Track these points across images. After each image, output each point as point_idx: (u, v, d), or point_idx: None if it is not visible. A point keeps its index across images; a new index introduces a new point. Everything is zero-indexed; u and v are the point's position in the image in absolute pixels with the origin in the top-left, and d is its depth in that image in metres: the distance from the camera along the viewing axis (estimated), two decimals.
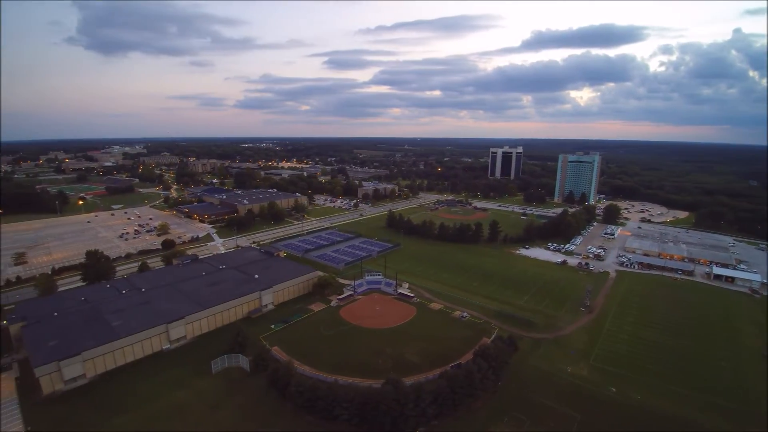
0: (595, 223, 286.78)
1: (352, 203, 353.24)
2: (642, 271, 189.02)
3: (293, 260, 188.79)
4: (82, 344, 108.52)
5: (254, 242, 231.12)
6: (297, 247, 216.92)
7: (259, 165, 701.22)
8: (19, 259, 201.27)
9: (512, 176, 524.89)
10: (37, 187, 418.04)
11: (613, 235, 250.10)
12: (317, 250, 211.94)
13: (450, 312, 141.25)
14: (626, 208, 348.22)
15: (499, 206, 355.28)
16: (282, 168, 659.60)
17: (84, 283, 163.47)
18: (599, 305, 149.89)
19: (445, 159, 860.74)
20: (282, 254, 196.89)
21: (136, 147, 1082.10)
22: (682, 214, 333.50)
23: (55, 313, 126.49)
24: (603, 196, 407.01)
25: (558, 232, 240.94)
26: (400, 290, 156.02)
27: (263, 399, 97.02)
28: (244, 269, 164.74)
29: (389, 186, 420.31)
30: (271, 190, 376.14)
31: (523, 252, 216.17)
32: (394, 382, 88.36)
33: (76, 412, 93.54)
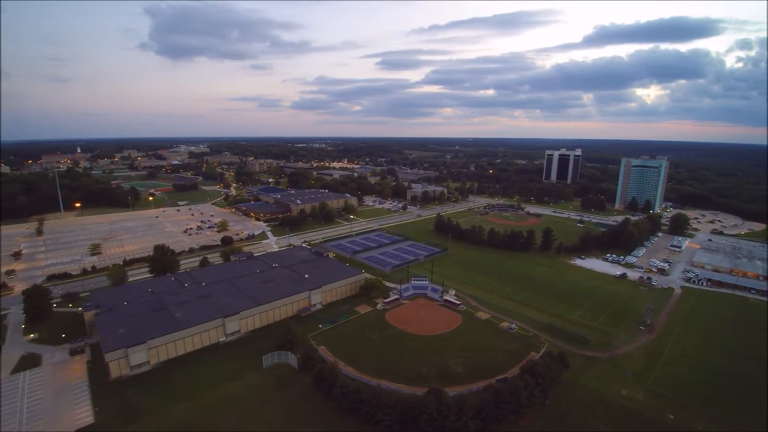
0: (659, 234, 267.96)
1: (400, 205, 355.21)
2: (711, 289, 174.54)
3: (341, 261, 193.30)
4: (148, 333, 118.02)
5: (305, 241, 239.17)
6: (346, 248, 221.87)
7: (312, 165, 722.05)
8: (95, 249, 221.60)
9: (569, 180, 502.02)
10: (113, 182, 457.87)
11: (679, 247, 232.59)
12: (365, 251, 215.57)
13: (497, 323, 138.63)
14: (695, 218, 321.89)
15: (554, 212, 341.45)
16: (333, 168, 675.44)
17: (151, 275, 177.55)
18: (661, 324, 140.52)
19: (497, 161, 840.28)
20: (331, 255, 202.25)
21: (201, 146, 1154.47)
22: (759, 227, 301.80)
23: (125, 303, 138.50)
24: (670, 204, 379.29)
25: (618, 242, 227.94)
26: (446, 297, 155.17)
27: (309, 397, 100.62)
28: (295, 268, 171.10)
29: (438, 188, 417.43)
30: (322, 191, 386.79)
31: (579, 263, 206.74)
32: (437, 393, 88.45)
33: (139, 397, 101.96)
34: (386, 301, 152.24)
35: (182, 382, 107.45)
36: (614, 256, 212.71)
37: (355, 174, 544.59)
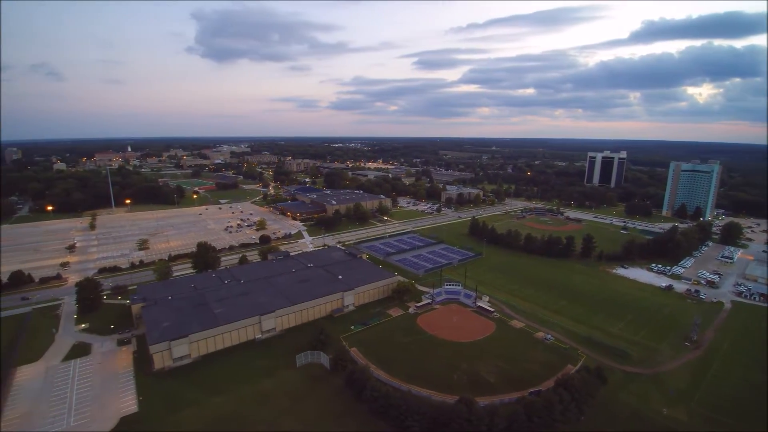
0: (710, 244, 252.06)
1: (435, 207, 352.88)
2: (764, 304, 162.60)
3: (375, 263, 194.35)
4: (190, 327, 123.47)
5: (339, 242, 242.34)
6: (379, 249, 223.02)
7: (348, 165, 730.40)
8: (143, 245, 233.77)
9: (612, 184, 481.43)
10: (160, 180, 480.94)
11: (731, 258, 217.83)
12: (398, 254, 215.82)
13: (532, 332, 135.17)
14: (749, 227, 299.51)
15: (596, 218, 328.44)
16: (368, 169, 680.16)
17: (194, 271, 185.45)
18: (708, 341, 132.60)
19: (536, 162, 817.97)
20: (365, 256, 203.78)
21: (242, 146, 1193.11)
22: None
23: (169, 297, 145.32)
24: (722, 211, 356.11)
25: (664, 251, 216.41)
26: (479, 303, 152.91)
27: (340, 398, 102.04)
28: (330, 269, 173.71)
29: (474, 191, 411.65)
30: (357, 191, 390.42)
31: (621, 272, 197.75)
32: (468, 402, 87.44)
33: (180, 388, 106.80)
34: (418, 305, 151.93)
35: (221, 376, 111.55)
36: (660, 266, 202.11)
37: (390, 175, 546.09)
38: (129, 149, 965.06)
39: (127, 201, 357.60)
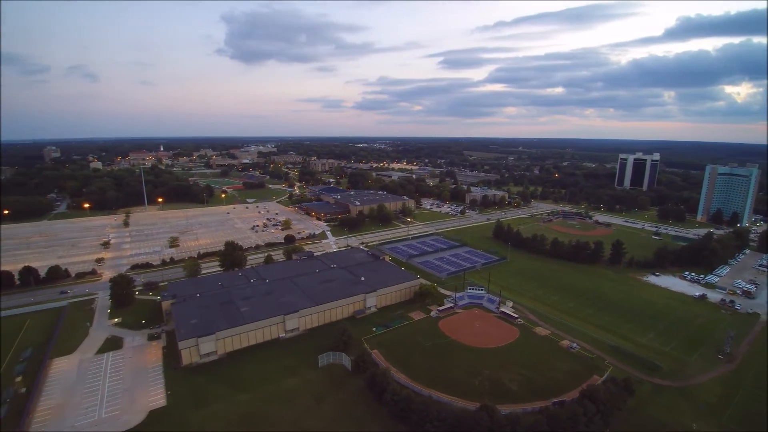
0: (747, 251, 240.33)
1: (458, 209, 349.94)
2: None
3: (397, 264, 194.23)
4: (217, 325, 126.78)
5: (363, 243, 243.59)
6: (402, 251, 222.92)
7: (372, 166, 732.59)
8: (173, 242, 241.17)
9: (645, 187, 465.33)
10: (190, 180, 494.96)
11: None
12: (421, 256, 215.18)
13: (557, 340, 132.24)
14: None
15: (626, 222, 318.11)
16: (392, 169, 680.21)
17: (221, 269, 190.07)
18: (742, 354, 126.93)
19: (564, 163, 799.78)
20: (387, 258, 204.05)
21: (269, 146, 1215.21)
22: None
23: (198, 294, 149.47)
24: (760, 217, 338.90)
25: (698, 258, 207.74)
26: (503, 308, 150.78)
27: (360, 400, 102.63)
28: (352, 270, 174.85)
29: (499, 192, 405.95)
30: (381, 192, 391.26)
31: (652, 279, 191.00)
32: (489, 410, 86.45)
33: (207, 384, 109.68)
34: (440, 308, 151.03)
35: (246, 374, 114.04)
36: (693, 274, 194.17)
37: (414, 176, 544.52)
38: (161, 149, 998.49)
39: (159, 199, 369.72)
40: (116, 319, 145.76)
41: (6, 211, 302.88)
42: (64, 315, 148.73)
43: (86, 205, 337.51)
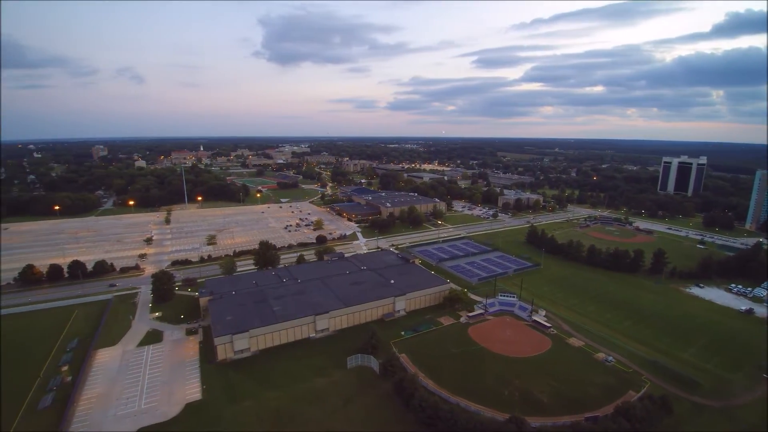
0: None
1: (491, 212, 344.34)
2: None
3: (427, 268, 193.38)
4: (250, 322, 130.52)
5: (393, 245, 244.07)
6: (432, 254, 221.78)
7: (403, 166, 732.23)
8: (211, 240, 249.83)
9: (689, 192, 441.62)
10: (228, 179, 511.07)
11: None
12: (451, 260, 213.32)
13: (592, 352, 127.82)
14: None
15: (669, 229, 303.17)
16: (423, 170, 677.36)
17: (255, 268, 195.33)
18: None
19: (603, 166, 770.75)
20: (417, 261, 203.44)
21: (302, 146, 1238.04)
22: None
23: (233, 292, 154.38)
24: None
25: (746, 270, 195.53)
26: (535, 317, 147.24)
27: (388, 404, 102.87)
28: (382, 272, 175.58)
29: (533, 196, 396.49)
30: (412, 194, 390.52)
31: (695, 291, 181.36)
32: (519, 422, 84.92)
33: (240, 380, 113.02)
34: (470, 314, 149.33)
35: (276, 372, 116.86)
36: (740, 287, 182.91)
37: (445, 177, 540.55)
38: (201, 148, 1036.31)
39: (199, 198, 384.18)
40: (157, 313, 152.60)
41: (56, 207, 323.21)
42: (109, 307, 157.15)
43: (131, 203, 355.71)
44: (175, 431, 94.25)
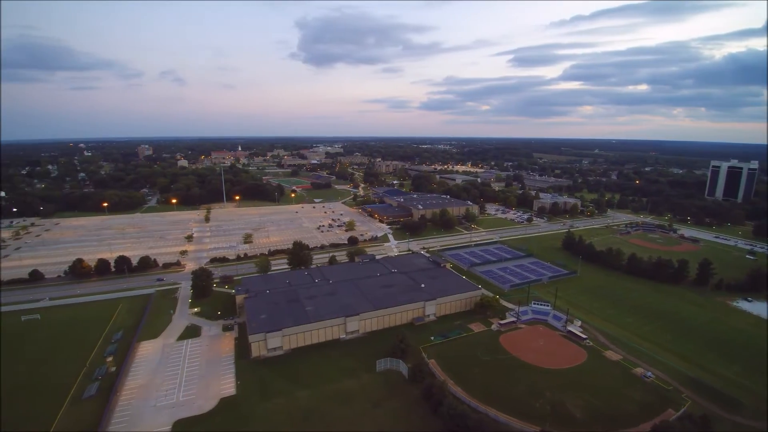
0: None
1: (525, 216, 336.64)
2: None
3: (458, 272, 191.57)
4: (283, 321, 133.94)
5: (424, 248, 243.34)
6: (463, 258, 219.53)
7: (435, 168, 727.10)
8: (247, 238, 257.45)
9: (739, 199, 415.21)
10: (264, 179, 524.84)
11: None
12: (483, 265, 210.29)
13: (630, 367, 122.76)
14: None
15: (716, 238, 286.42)
16: (456, 172, 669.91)
17: (289, 267, 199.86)
18: None
19: (647, 169, 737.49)
20: (448, 265, 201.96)
21: (336, 146, 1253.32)
22: None
23: (267, 291, 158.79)
24: None
25: None
26: (570, 327, 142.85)
27: (416, 409, 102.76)
28: (413, 276, 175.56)
29: (571, 200, 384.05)
30: (444, 196, 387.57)
31: (743, 305, 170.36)
32: None
33: (272, 377, 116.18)
34: (502, 322, 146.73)
35: (307, 371, 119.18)
36: None
37: (478, 179, 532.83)
38: (239, 149, 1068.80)
39: (237, 197, 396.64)
40: (196, 309, 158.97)
41: (105, 204, 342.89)
42: (151, 302, 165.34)
43: (173, 201, 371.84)
44: (210, 425, 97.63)
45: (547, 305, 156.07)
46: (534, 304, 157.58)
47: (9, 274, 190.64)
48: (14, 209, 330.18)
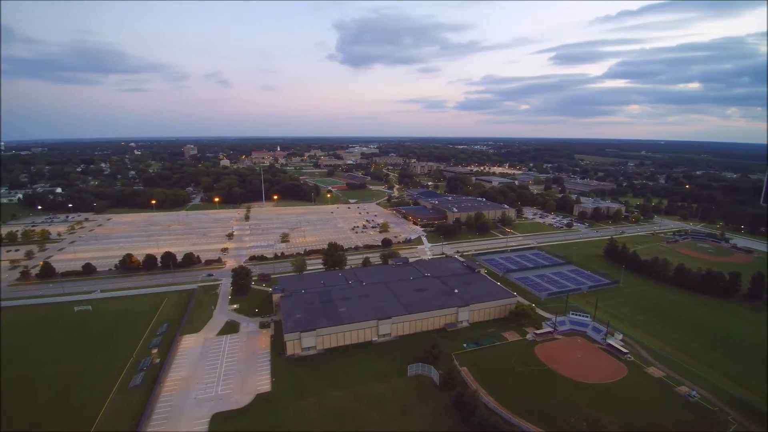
0: None
1: (565, 221, 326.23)
2: None
3: (493, 278, 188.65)
4: (318, 322, 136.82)
5: (458, 251, 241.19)
6: (499, 264, 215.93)
7: (471, 169, 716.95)
8: (284, 238, 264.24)
9: None
10: (300, 179, 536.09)
11: None
12: (519, 271, 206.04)
13: (673, 385, 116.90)
14: None
15: None
16: (493, 174, 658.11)
17: (323, 267, 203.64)
18: None
19: (698, 173, 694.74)
20: (483, 270, 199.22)
21: (371, 146, 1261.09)
22: None
23: (303, 290, 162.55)
24: None
25: None
26: (610, 340, 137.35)
27: (447, 417, 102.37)
28: (446, 281, 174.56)
29: (614, 205, 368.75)
30: (479, 199, 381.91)
31: None
32: None
33: (306, 376, 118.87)
34: (537, 332, 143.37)
35: (339, 372, 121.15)
36: None
37: (516, 181, 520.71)
38: (278, 149, 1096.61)
39: (275, 197, 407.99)
40: (235, 305, 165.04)
41: (153, 201, 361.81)
42: (194, 297, 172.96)
43: (216, 199, 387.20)
44: (246, 420, 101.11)
45: (587, 316, 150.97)
46: (572, 314, 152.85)
47: (64, 266, 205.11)
48: (70, 205, 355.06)
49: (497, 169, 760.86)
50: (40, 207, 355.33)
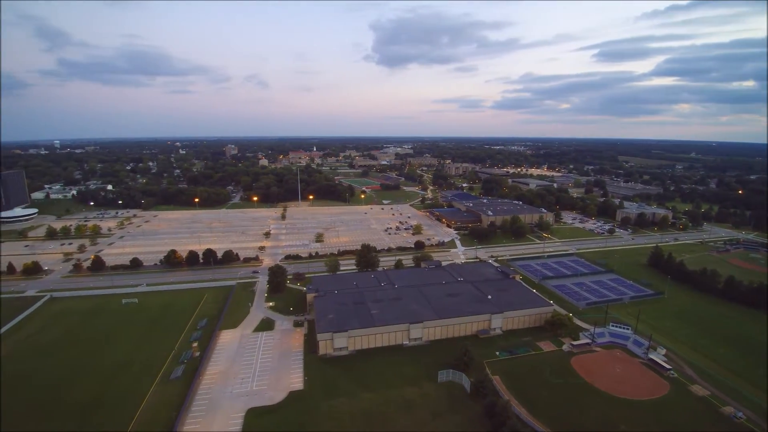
0: None
1: (607, 227, 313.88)
2: None
3: (528, 285, 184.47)
4: (350, 323, 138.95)
5: (492, 256, 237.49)
6: (534, 270, 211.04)
7: (507, 171, 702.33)
8: (319, 237, 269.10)
9: None
10: (335, 179, 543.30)
11: None
12: (556, 278, 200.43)
13: (718, 405, 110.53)
14: None
15: None
16: (530, 176, 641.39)
17: (356, 269, 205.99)
18: None
19: (752, 177, 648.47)
20: (518, 277, 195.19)
21: (405, 147, 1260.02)
22: None
23: (336, 291, 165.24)
24: None
25: None
26: (652, 355, 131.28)
27: (477, 426, 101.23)
28: (480, 286, 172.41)
29: (660, 210, 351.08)
30: (516, 202, 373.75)
31: None
32: None
33: (337, 376, 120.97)
34: (574, 343, 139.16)
35: (370, 374, 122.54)
36: None
37: (555, 184, 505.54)
38: (314, 149, 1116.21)
39: (310, 197, 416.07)
40: (271, 303, 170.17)
41: (196, 199, 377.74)
42: (232, 293, 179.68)
43: (254, 198, 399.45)
44: (279, 416, 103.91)
45: (628, 328, 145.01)
46: (612, 325, 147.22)
47: (113, 260, 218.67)
48: (120, 201, 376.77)
49: (534, 171, 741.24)
50: (92, 203, 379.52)
